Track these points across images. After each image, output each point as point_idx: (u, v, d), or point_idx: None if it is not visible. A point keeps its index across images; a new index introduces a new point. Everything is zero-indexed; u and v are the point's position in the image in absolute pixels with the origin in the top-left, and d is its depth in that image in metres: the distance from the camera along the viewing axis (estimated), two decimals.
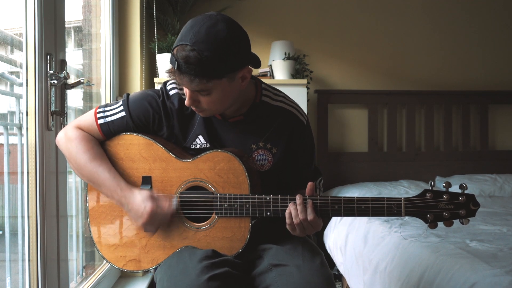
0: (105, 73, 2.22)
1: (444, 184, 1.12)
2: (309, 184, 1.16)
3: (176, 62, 1.09)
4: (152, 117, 1.25)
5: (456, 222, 1.14)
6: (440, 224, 1.15)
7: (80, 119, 1.28)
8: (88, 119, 1.27)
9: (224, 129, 1.28)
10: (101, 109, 1.27)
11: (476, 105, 3.32)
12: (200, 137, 1.26)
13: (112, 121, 1.25)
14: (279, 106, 1.29)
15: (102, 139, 1.27)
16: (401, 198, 1.13)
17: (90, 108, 2.10)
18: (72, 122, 1.29)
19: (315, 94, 3.15)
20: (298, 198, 1.15)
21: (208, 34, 1.07)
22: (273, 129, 1.28)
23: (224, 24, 1.09)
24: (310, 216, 1.14)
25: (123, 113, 1.25)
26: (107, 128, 1.26)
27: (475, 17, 3.37)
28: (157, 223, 1.19)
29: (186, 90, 1.16)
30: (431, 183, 1.15)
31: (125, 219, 1.27)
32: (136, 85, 2.37)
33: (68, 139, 1.24)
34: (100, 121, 1.25)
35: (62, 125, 1.41)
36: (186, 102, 1.16)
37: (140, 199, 1.17)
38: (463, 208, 1.11)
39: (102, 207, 1.28)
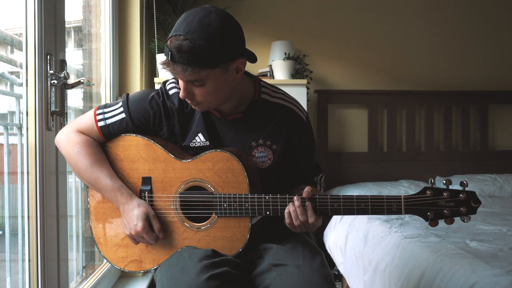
0: (105, 73, 2.22)
1: (444, 182, 1.12)
2: (307, 188, 1.15)
3: (169, 53, 1.09)
4: (153, 118, 1.25)
5: (457, 220, 1.13)
6: (441, 223, 1.14)
7: (80, 121, 1.28)
8: (88, 121, 1.27)
9: (224, 127, 1.28)
10: (100, 111, 1.27)
11: (476, 105, 3.32)
12: (200, 135, 1.26)
13: (112, 123, 1.25)
14: (278, 103, 1.29)
15: (102, 140, 1.28)
16: (400, 196, 1.13)
17: (90, 108, 2.10)
18: (72, 123, 1.28)
19: (315, 94, 3.15)
20: (296, 200, 1.14)
21: (201, 24, 1.07)
22: (273, 126, 1.27)
23: (217, 15, 1.10)
24: (311, 219, 1.14)
25: (123, 115, 1.25)
26: (107, 131, 1.26)
27: (475, 17, 3.37)
28: (140, 241, 1.23)
29: (180, 83, 1.16)
30: (431, 180, 1.14)
31: None
32: (136, 85, 2.37)
33: (70, 142, 1.24)
34: (100, 124, 1.25)
35: (62, 125, 1.41)
36: (181, 94, 1.16)
37: (135, 214, 1.19)
38: (463, 205, 1.11)
39: (103, 208, 1.28)
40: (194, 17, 1.09)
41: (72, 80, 1.46)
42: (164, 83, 1.30)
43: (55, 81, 1.36)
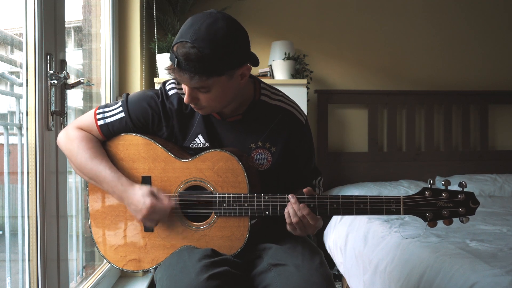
0: (105, 73, 2.23)
1: (443, 183, 1.12)
2: (306, 188, 1.16)
3: (176, 59, 1.09)
4: (152, 117, 1.26)
5: (456, 221, 1.13)
6: (440, 224, 1.14)
7: (80, 120, 1.29)
8: (88, 120, 1.27)
9: (223, 128, 1.28)
10: (100, 110, 1.28)
11: (476, 105, 3.32)
12: (200, 136, 1.26)
13: (112, 122, 1.26)
14: (277, 105, 1.29)
15: (102, 139, 1.28)
16: (399, 196, 1.13)
17: (90, 108, 2.10)
18: (73, 122, 1.29)
19: (315, 94, 3.15)
20: (292, 198, 1.15)
21: (209, 31, 1.07)
22: (272, 128, 1.28)
23: (224, 22, 1.09)
24: (304, 211, 1.13)
25: (122, 114, 1.26)
26: (106, 129, 1.26)
27: (474, 17, 3.37)
28: (157, 218, 1.19)
29: (185, 88, 1.16)
30: (429, 181, 1.14)
31: (125, 219, 1.27)
32: (136, 85, 2.37)
33: (69, 139, 1.25)
34: (100, 122, 1.26)
35: (62, 125, 1.42)
36: (185, 99, 1.17)
37: (140, 194, 1.17)
38: (462, 206, 1.11)
39: (103, 208, 1.29)
40: (202, 24, 1.08)
41: (72, 80, 1.46)
42: (164, 83, 1.30)
43: (55, 81, 1.36)
